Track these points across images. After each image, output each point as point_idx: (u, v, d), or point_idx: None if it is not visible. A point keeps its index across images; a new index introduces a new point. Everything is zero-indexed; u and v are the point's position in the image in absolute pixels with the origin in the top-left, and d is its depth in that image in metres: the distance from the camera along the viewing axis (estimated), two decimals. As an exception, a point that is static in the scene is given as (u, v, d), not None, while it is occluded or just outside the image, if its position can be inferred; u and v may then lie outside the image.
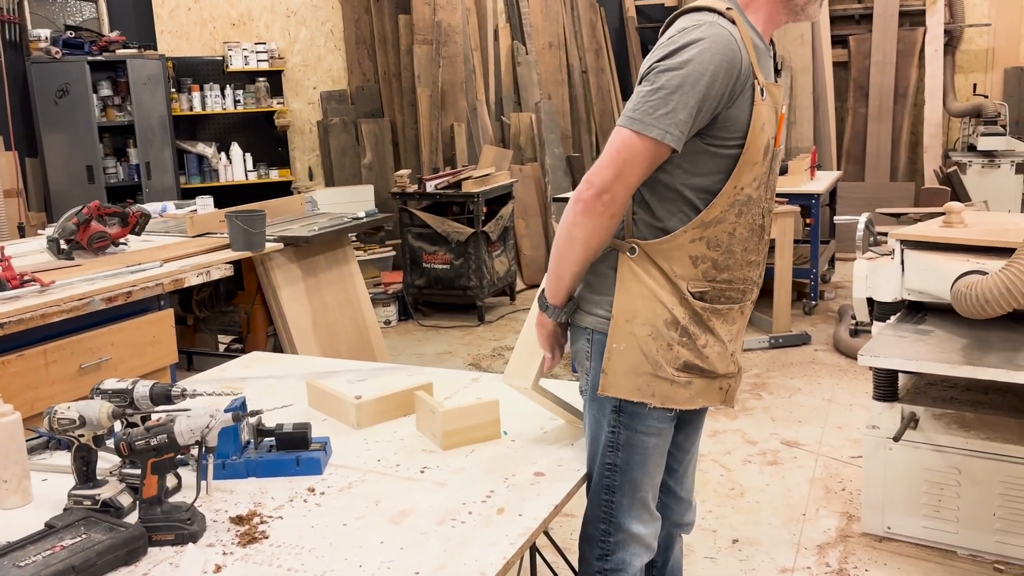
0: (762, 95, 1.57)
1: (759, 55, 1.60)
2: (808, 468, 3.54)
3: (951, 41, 7.46)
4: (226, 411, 1.59)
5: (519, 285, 6.66)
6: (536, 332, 1.78)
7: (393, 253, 6.67)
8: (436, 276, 5.96)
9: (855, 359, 4.66)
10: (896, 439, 2.81)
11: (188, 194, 6.40)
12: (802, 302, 5.85)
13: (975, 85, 7.42)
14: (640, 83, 1.56)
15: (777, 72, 1.75)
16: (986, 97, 7.19)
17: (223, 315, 4.01)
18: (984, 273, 2.51)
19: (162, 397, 1.65)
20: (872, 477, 2.94)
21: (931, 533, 2.87)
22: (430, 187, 5.86)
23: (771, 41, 1.72)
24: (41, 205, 6.00)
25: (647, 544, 1.78)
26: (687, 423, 1.88)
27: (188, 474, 1.72)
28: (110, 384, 1.69)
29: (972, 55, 7.52)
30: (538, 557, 2.23)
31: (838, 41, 7.73)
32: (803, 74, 7.62)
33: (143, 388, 1.67)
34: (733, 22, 1.56)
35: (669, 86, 1.51)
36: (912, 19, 7.53)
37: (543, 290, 1.75)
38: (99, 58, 5.95)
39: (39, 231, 4.41)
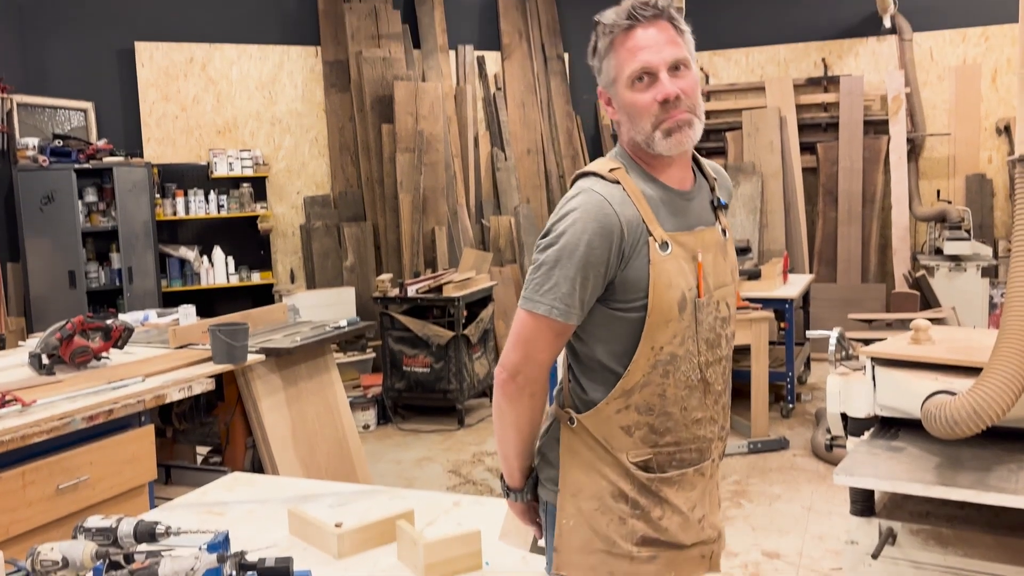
0: (664, 249, 1.53)
1: (663, 206, 1.57)
2: (789, 581, 3.53)
3: (914, 149, 7.76)
4: (210, 550, 1.60)
5: (499, 387, 6.68)
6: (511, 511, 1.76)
7: (373, 355, 6.69)
8: (416, 379, 5.98)
9: (833, 464, 4.70)
10: (875, 556, 2.83)
11: (169, 298, 6.44)
12: (780, 405, 5.90)
13: (939, 191, 7.68)
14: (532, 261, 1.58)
15: (721, 207, 1.70)
16: (949, 203, 7.44)
17: (203, 426, 4.00)
18: (953, 393, 2.58)
19: (146, 535, 1.66)
20: (853, 594, 2.94)
21: (913, 652, 2.86)
22: (411, 291, 5.93)
23: (704, 174, 1.69)
24: (21, 310, 6.00)
25: None
26: None
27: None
28: (94, 522, 1.70)
29: (935, 162, 7.81)
30: None
31: (806, 148, 8.01)
32: (774, 180, 7.86)
33: (127, 526, 1.68)
34: (617, 182, 1.55)
35: (548, 261, 1.52)
36: (876, 128, 7.84)
37: (502, 475, 1.73)
38: (86, 166, 6.06)
39: (20, 342, 4.40)
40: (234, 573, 1.80)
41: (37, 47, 6.41)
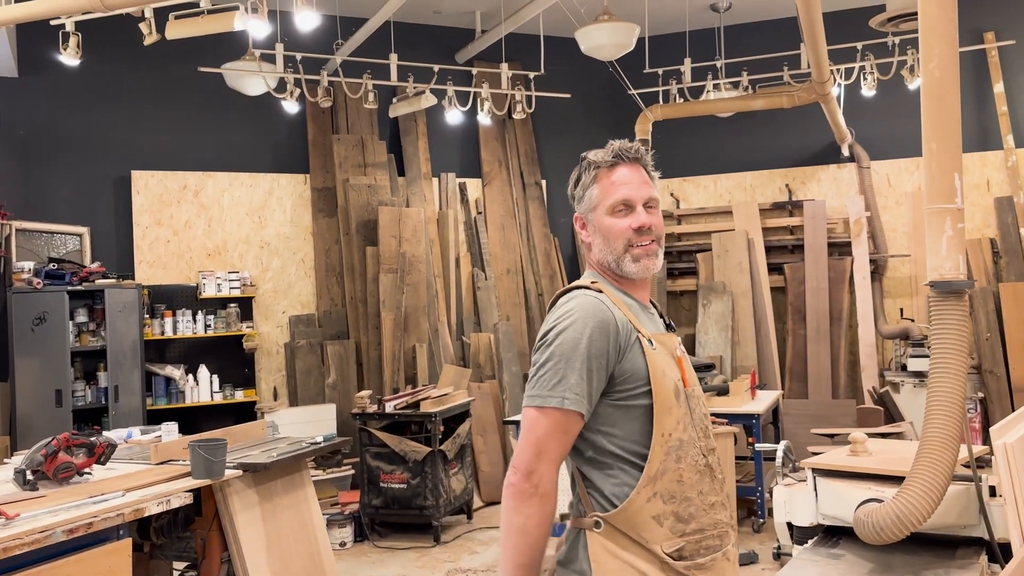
0: (651, 345, 1.73)
1: (638, 313, 1.80)
2: None
3: (877, 269, 8.10)
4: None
5: (476, 503, 6.75)
6: None
7: (352, 472, 6.79)
8: (393, 496, 6.07)
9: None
10: (820, 663, 2.93)
11: (154, 416, 6.58)
12: (751, 520, 6.00)
13: (902, 310, 7.99)
14: (532, 364, 1.75)
15: (669, 327, 1.93)
16: (912, 321, 7.73)
17: (179, 541, 4.10)
18: (881, 501, 2.76)
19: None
20: None
21: None
22: (389, 407, 6.10)
23: (652, 303, 1.94)
24: (6, 429, 6.13)
25: None
26: None
27: None
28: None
29: (897, 281, 8.14)
30: None
31: (774, 268, 8.35)
32: (743, 298, 8.16)
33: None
34: (600, 291, 1.77)
35: (554, 358, 1.67)
36: (840, 249, 8.21)
37: None
38: (78, 287, 6.31)
39: (4, 460, 4.54)
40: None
41: (37, 175, 6.76)
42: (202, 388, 6.96)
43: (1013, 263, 7.60)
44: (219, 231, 7.36)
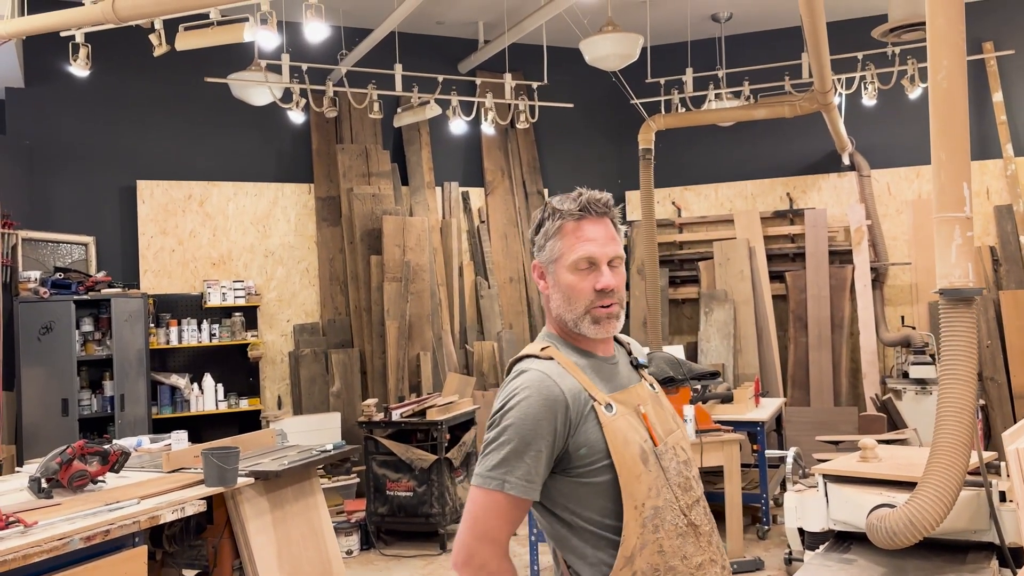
0: (609, 410, 1.62)
1: (596, 371, 1.69)
2: None
3: (878, 277, 8.15)
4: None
5: (481, 512, 6.76)
6: None
7: (357, 480, 6.80)
8: (399, 504, 6.09)
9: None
10: (833, 667, 2.96)
11: (159, 424, 6.59)
12: (756, 527, 6.02)
13: (903, 317, 8.03)
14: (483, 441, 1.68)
15: (641, 366, 1.82)
16: (914, 328, 7.77)
17: (191, 549, 4.11)
18: (893, 506, 2.79)
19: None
20: None
21: None
22: (395, 415, 6.12)
23: (618, 341, 1.83)
24: (12, 438, 6.14)
25: None
26: None
27: None
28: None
29: (898, 289, 8.19)
30: None
31: (775, 276, 8.39)
32: (745, 306, 8.20)
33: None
34: (551, 358, 1.67)
35: (499, 438, 1.59)
36: (841, 257, 8.25)
37: None
38: (84, 297, 6.33)
39: (16, 468, 4.55)
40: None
41: (43, 185, 6.79)
42: (207, 397, 6.98)
43: (1013, 271, 7.65)
44: (224, 240, 7.38)
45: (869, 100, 7.32)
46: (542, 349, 1.70)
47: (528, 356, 1.71)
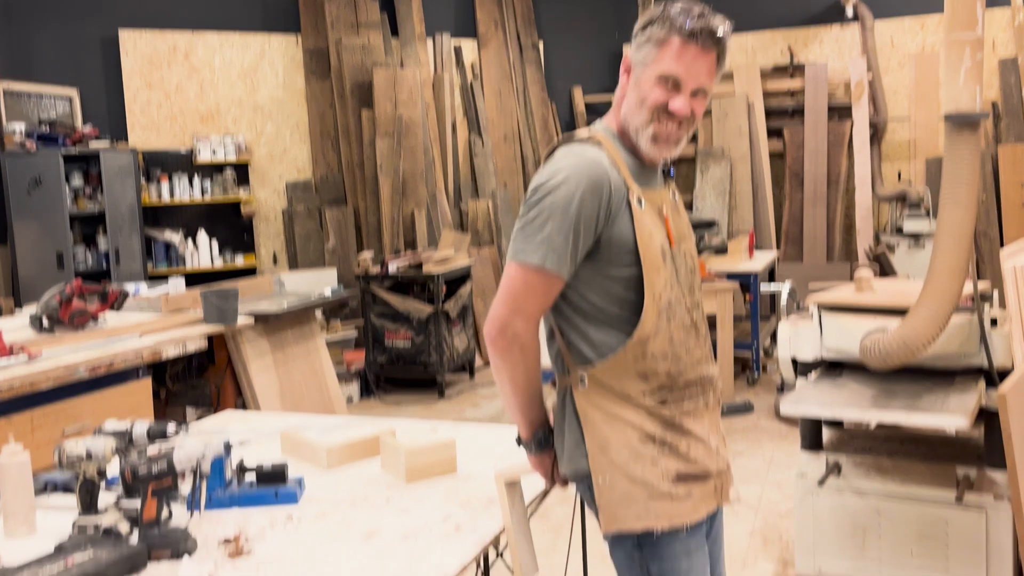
0: (640, 204, 1.64)
1: (634, 170, 1.69)
2: (748, 521, 3.78)
3: (876, 133, 8.04)
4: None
5: (478, 362, 6.90)
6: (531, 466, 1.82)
7: (355, 334, 6.89)
8: (398, 353, 6.19)
9: (796, 425, 4.96)
10: (821, 483, 3.08)
11: (156, 280, 6.61)
12: (746, 374, 6.16)
13: (900, 173, 7.98)
14: (519, 218, 1.68)
15: (668, 176, 1.83)
16: (910, 184, 7.74)
17: (194, 389, 4.20)
18: (886, 330, 2.83)
19: (159, 434, 1.87)
20: (802, 522, 3.19)
21: (858, 572, 3.11)
22: (392, 268, 6.14)
23: (663, 162, 1.79)
24: (9, 291, 6.16)
25: None
26: (707, 530, 1.80)
27: (177, 508, 1.92)
28: (111, 426, 1.90)
29: (896, 145, 8.10)
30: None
31: (773, 132, 8.28)
32: (742, 163, 8.13)
33: (141, 427, 1.89)
34: (599, 143, 1.67)
35: (542, 215, 1.59)
36: (840, 113, 8.12)
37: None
38: (72, 151, 6.22)
39: (16, 308, 4.58)
40: (234, 478, 2.02)
41: (23, 34, 6.55)
42: (202, 253, 6.98)
43: (1013, 125, 7.55)
44: (211, 95, 7.20)
45: (877, -56, 7.03)
46: (588, 137, 1.69)
47: (574, 140, 1.69)
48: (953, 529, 2.95)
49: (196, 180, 6.95)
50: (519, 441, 1.81)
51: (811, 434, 3.22)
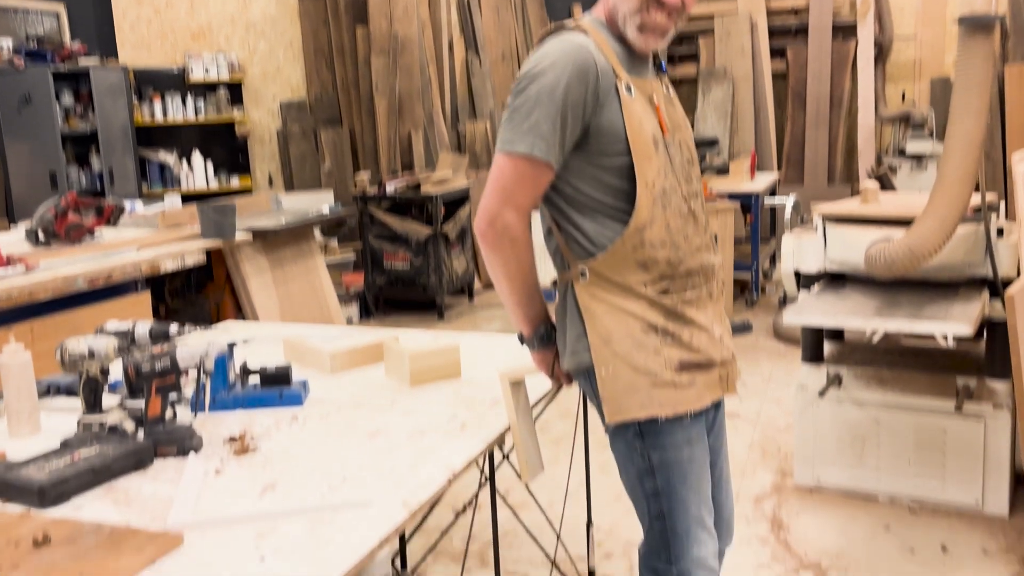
0: (629, 92, 1.61)
1: (623, 59, 1.65)
2: (747, 435, 3.82)
3: (881, 53, 7.89)
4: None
5: (477, 285, 6.88)
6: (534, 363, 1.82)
7: (353, 257, 6.86)
8: (397, 275, 6.17)
9: (794, 344, 4.98)
10: (821, 394, 3.10)
11: (151, 200, 6.55)
12: (745, 295, 6.16)
13: (904, 93, 7.86)
14: (505, 108, 1.64)
15: (660, 69, 1.79)
16: (914, 104, 7.63)
17: (193, 306, 4.18)
18: (891, 240, 2.81)
19: (161, 335, 1.86)
20: (802, 433, 3.22)
21: (855, 481, 3.15)
22: (389, 188, 6.08)
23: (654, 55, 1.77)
24: (3, 211, 6.10)
25: (710, 566, 1.72)
26: (709, 423, 1.80)
27: (181, 411, 1.92)
28: (112, 325, 1.89)
29: (901, 65, 7.96)
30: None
31: (777, 52, 8.12)
32: (744, 84, 7.99)
33: (143, 327, 1.87)
34: (586, 32, 1.63)
35: (528, 103, 1.56)
36: (844, 32, 7.95)
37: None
38: (61, 68, 6.08)
39: (10, 224, 4.53)
40: (238, 380, 2.01)
41: (6, -52, 6.36)
42: (197, 174, 6.90)
43: (1020, 44, 7.41)
44: (202, 11, 7.03)
45: None
46: (575, 26, 1.65)
47: (562, 29, 1.66)
48: (951, 438, 2.98)
49: (189, 100, 6.84)
50: (521, 339, 1.80)
51: (812, 347, 3.22)
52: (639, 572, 1.79)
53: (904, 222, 2.94)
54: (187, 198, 6.71)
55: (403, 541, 2.75)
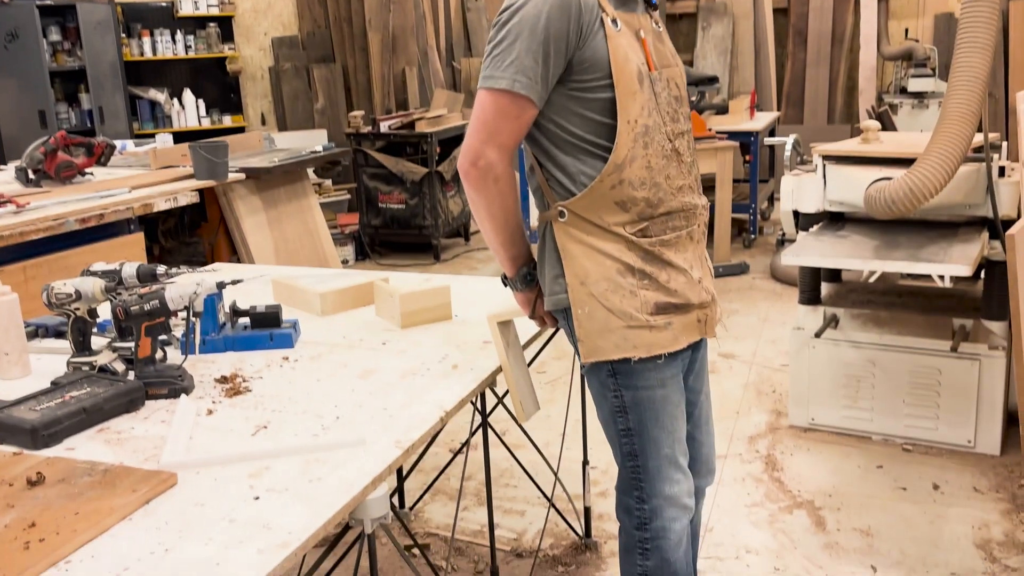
0: (615, 25, 1.56)
1: None
2: (742, 375, 3.82)
3: (885, -13, 7.73)
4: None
5: (473, 227, 6.84)
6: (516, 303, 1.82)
7: (348, 196, 6.80)
8: (392, 216, 6.13)
9: (791, 284, 4.97)
10: (818, 335, 3.09)
11: (142, 139, 6.46)
12: (742, 236, 6.13)
13: (907, 30, 7.72)
14: (487, 43, 1.59)
15: (651, 4, 1.74)
16: (917, 41, 7.49)
17: (187, 246, 4.15)
18: (891, 179, 2.77)
19: (148, 276, 1.83)
20: (798, 373, 3.22)
21: (850, 422, 3.17)
22: (384, 127, 6.00)
23: None
24: (-7, 150, 6.02)
25: (683, 504, 1.72)
26: (690, 364, 1.80)
27: (171, 353, 1.90)
28: (99, 266, 1.86)
29: (904, 2, 7.80)
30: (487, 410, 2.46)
31: (778, -14, 7.97)
32: (744, 20, 7.84)
33: (130, 268, 1.84)
34: None
35: (508, 37, 1.51)
36: (848, -34, 7.78)
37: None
38: (47, 2, 5.94)
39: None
40: (228, 321, 1.99)
41: None
42: (188, 112, 6.80)
43: (1029, -21, 7.24)
44: (190, -57, 6.84)
45: None
46: None
47: None
48: (946, 378, 2.98)
49: (179, 36, 6.70)
50: (504, 280, 1.79)
51: (809, 288, 3.21)
52: (615, 509, 1.80)
53: (905, 161, 2.90)
54: (179, 137, 6.66)
55: (401, 480, 2.77)
